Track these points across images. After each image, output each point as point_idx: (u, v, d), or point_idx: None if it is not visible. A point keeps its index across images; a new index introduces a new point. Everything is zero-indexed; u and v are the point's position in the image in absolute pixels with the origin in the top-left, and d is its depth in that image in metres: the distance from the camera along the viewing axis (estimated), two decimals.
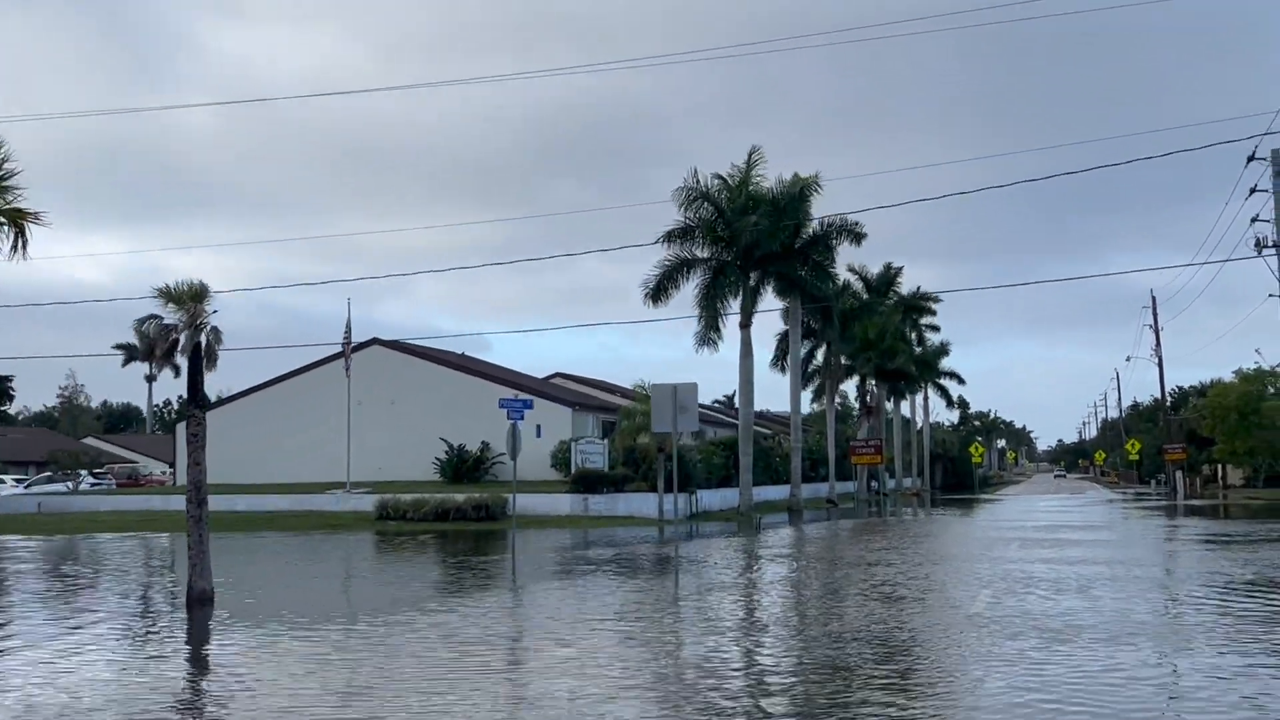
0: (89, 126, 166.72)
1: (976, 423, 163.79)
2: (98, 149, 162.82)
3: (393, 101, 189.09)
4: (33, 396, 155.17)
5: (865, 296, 66.98)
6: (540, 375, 64.41)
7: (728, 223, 41.32)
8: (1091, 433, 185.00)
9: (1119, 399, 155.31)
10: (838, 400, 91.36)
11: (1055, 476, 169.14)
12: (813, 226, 46.59)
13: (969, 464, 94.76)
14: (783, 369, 54.12)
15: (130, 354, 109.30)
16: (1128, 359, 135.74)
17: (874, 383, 70.77)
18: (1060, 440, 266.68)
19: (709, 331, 42.24)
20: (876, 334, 65.70)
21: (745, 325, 43.07)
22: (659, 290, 42.03)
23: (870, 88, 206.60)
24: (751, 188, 42.41)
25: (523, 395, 34.74)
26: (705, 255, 42.43)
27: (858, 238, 48.16)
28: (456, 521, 38.53)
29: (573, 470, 41.51)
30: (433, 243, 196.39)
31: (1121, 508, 54.09)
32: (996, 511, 50.49)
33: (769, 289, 46.52)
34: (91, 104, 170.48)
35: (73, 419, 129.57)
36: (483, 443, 46.24)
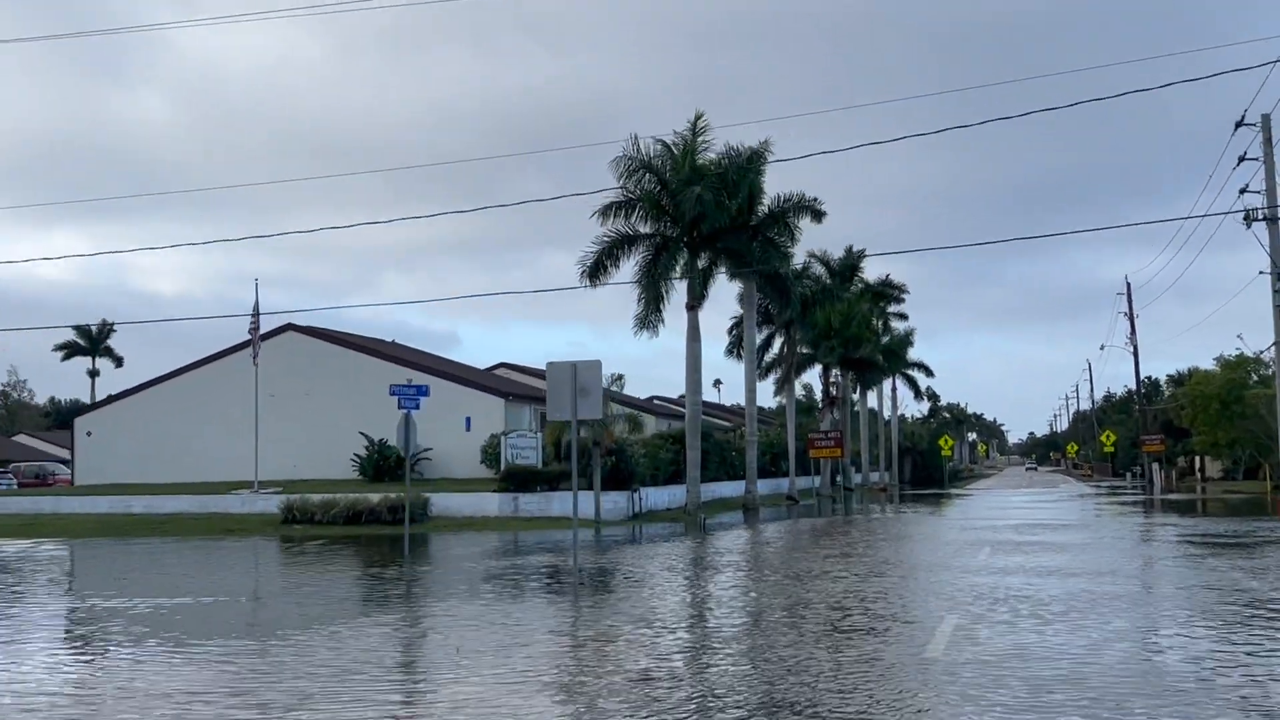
0: (48, 121, 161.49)
1: (946, 415, 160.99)
2: (58, 144, 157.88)
3: (355, 96, 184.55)
4: None
5: (828, 281, 63.44)
6: (484, 365, 60.72)
7: (672, 194, 37.59)
8: (1063, 425, 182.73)
9: (1091, 390, 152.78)
10: (802, 392, 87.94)
11: (1027, 470, 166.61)
12: (768, 202, 43.14)
13: (938, 457, 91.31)
14: (739, 357, 50.40)
15: (71, 349, 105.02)
16: (1101, 348, 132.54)
17: (838, 373, 67.28)
18: (1031, 433, 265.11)
19: (650, 313, 38.40)
20: (841, 320, 62.21)
21: (692, 307, 39.34)
22: (597, 268, 38.24)
23: (849, 76, 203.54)
24: (698, 158, 38.67)
25: (417, 380, 30.92)
26: (648, 231, 38.67)
27: (817, 215, 44.71)
28: (370, 524, 34.85)
29: (502, 466, 37.81)
30: (398, 238, 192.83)
31: (1098, 503, 50.78)
32: (967, 508, 47.11)
33: (722, 272, 42.99)
34: (50, 98, 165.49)
35: (12, 416, 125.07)
36: None
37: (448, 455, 41.73)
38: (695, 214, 36.71)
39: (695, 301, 39.35)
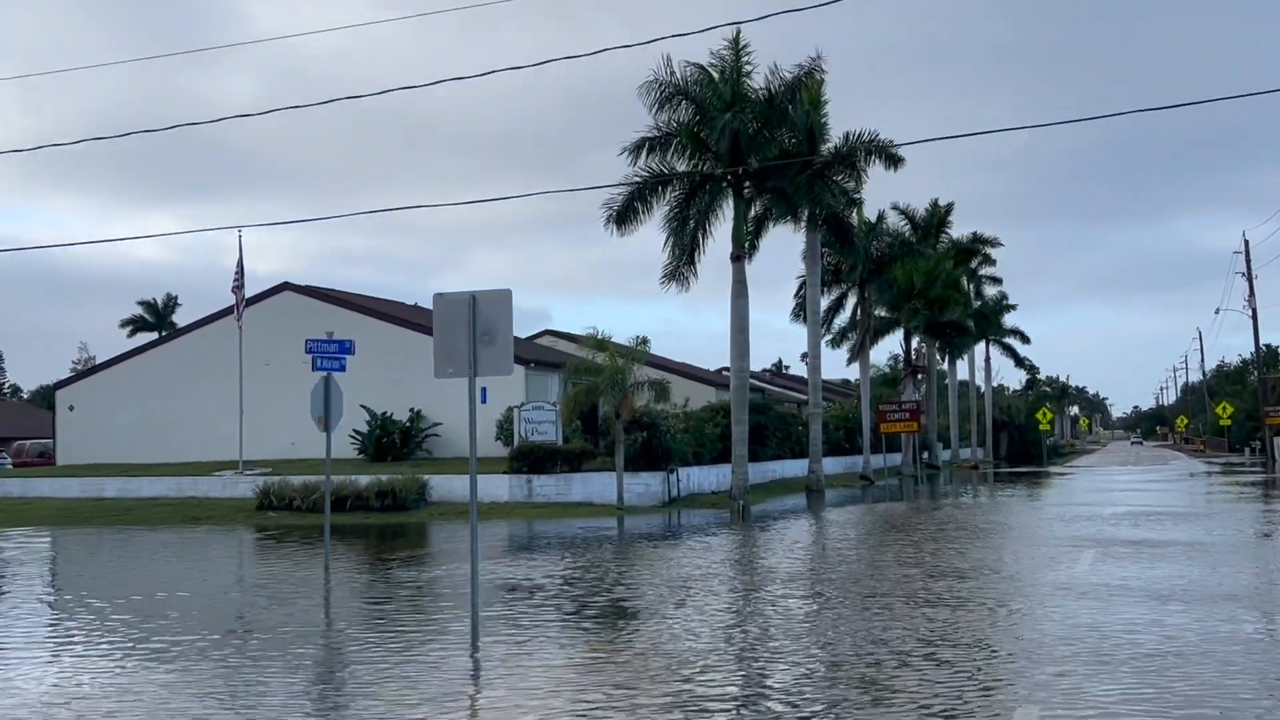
0: (136, 101, 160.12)
1: (1046, 388, 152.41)
2: (148, 125, 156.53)
3: (434, 72, 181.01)
4: (58, 371, 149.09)
5: (909, 236, 57.18)
6: (529, 334, 55.69)
7: (711, 125, 31.83)
8: (1170, 398, 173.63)
9: (1201, 360, 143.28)
10: (887, 361, 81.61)
11: (1132, 444, 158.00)
12: (834, 142, 37.41)
13: (1036, 432, 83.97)
14: (804, 319, 44.50)
15: (137, 325, 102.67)
16: (1217, 311, 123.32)
17: (921, 339, 61.03)
18: (1136, 407, 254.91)
19: (680, 264, 32.70)
20: (924, 280, 56.01)
21: (738, 257, 33.55)
22: (626, 212, 32.68)
23: (927, 41, 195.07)
24: (742, 83, 32.88)
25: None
26: (685, 169, 33.00)
27: (892, 159, 38.61)
28: (355, 512, 30.14)
29: (515, 443, 32.74)
30: (486, 216, 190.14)
31: (1217, 484, 44.21)
32: (1066, 491, 41.00)
33: (780, 221, 37.37)
34: (137, 81, 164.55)
35: None
36: (413, 411, 37.36)
37: (460, 431, 36.69)
38: (730, 144, 31.01)
39: (741, 251, 33.57)
